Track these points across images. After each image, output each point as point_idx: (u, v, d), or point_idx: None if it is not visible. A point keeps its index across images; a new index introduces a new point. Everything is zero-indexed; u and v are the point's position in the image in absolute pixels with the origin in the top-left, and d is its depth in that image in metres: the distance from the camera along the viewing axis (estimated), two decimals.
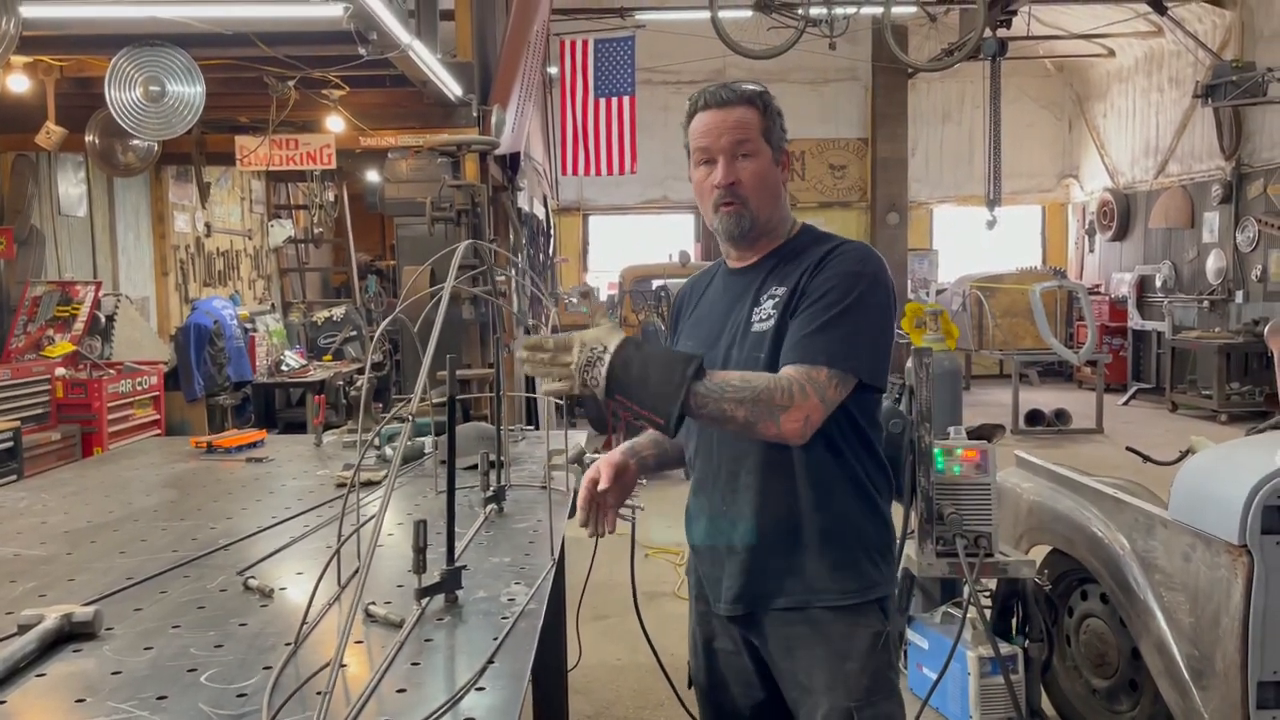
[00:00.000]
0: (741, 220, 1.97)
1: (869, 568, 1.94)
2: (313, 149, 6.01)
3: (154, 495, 2.87)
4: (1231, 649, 2.59)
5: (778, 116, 2.01)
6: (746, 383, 1.76)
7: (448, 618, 1.80)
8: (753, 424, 1.76)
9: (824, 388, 1.80)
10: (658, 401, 1.72)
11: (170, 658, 1.61)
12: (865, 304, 1.85)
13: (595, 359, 1.72)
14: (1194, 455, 3.08)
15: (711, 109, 1.98)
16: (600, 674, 4.27)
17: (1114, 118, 14.60)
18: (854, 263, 1.90)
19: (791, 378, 1.79)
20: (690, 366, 1.73)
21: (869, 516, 1.96)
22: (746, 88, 1.99)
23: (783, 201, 2.03)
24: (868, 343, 1.86)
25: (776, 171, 2.00)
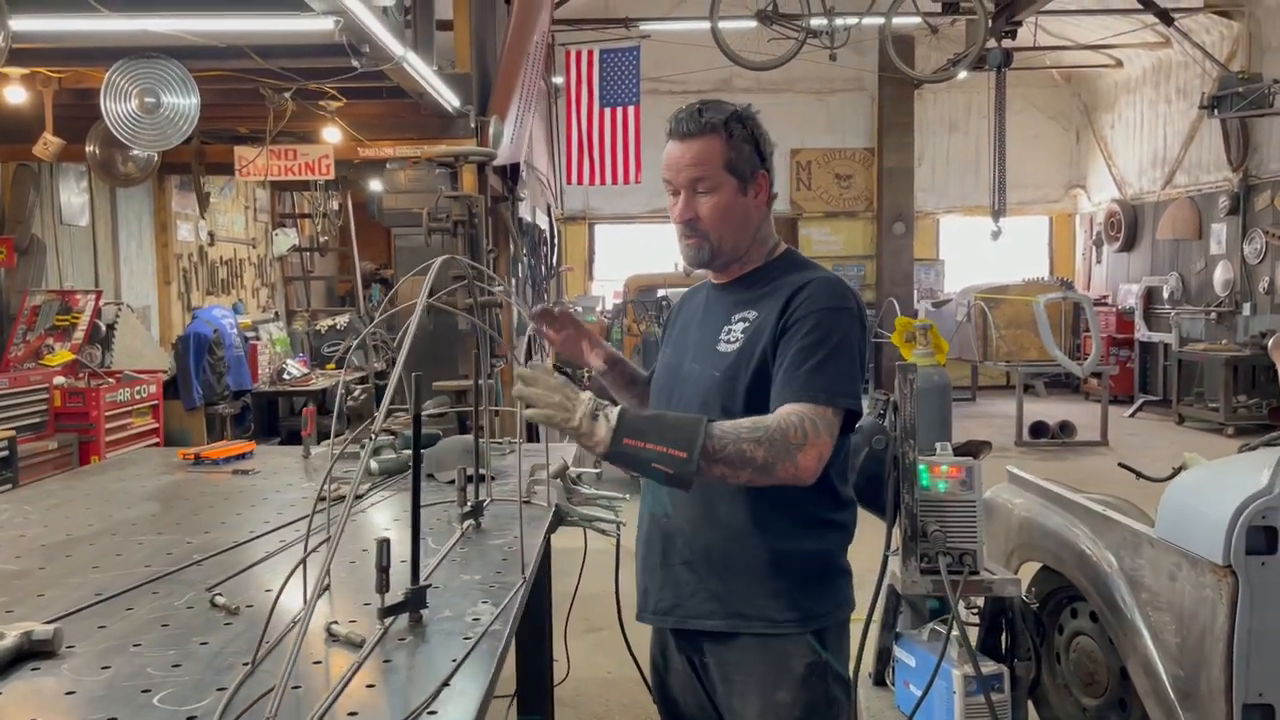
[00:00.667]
0: (700, 252, 1.99)
1: (804, 599, 1.93)
2: (311, 159, 6.03)
3: (136, 508, 2.87)
4: (1216, 670, 2.56)
5: (748, 142, 1.97)
6: (757, 424, 1.77)
7: (410, 638, 1.78)
8: (771, 465, 1.75)
9: (831, 425, 1.82)
10: (678, 434, 1.70)
11: (126, 677, 1.60)
12: (849, 340, 1.88)
13: (602, 407, 1.73)
14: (1183, 472, 3.05)
15: (675, 140, 1.98)
16: (590, 688, 4.25)
17: (1121, 128, 14.55)
18: (834, 299, 1.91)
19: (801, 414, 1.79)
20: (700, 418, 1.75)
21: (812, 548, 1.94)
22: (713, 115, 1.95)
23: (755, 227, 2.01)
24: (856, 378, 1.89)
25: (743, 200, 1.97)
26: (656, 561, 2.05)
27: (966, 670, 2.92)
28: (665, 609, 2.02)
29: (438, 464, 3.19)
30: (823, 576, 1.96)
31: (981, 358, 11.96)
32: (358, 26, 3.86)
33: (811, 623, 1.93)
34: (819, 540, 1.96)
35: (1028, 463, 9.14)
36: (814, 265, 2.05)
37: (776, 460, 1.74)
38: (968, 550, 2.94)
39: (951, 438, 3.53)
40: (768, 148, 2.01)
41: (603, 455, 1.71)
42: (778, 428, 1.76)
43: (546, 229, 9.76)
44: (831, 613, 1.97)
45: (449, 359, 5.27)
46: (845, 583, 2.02)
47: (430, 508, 2.79)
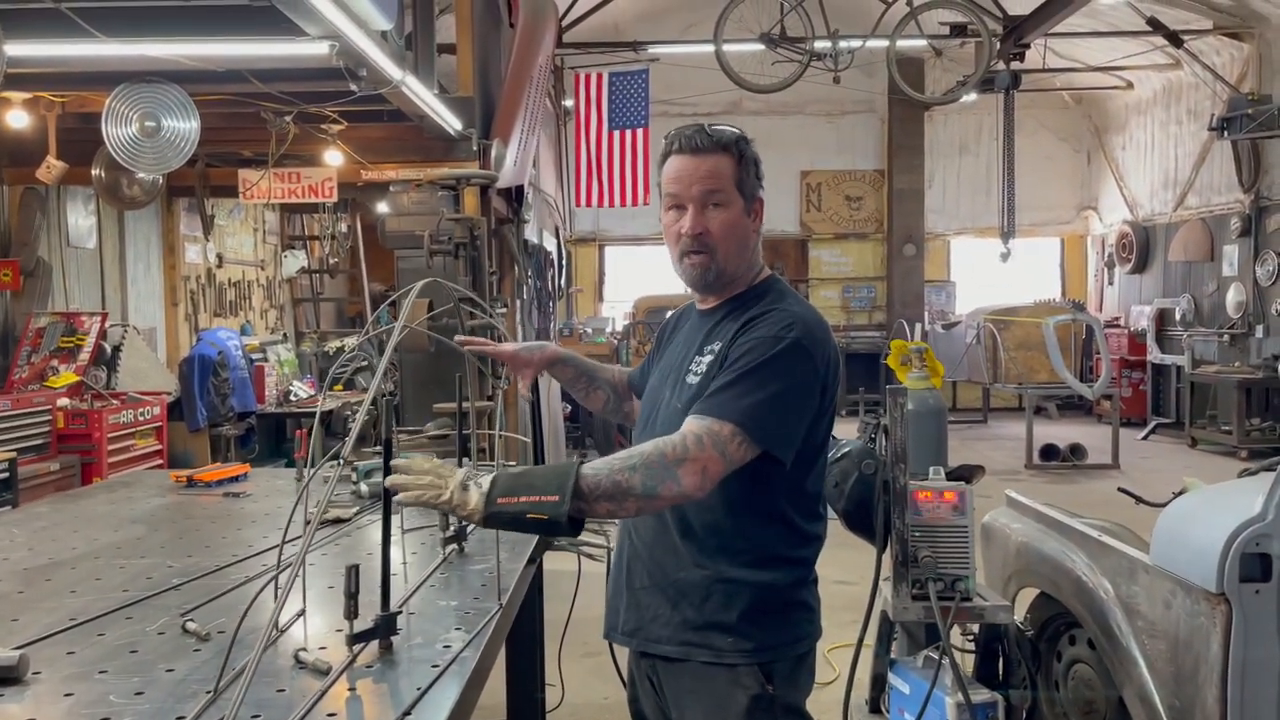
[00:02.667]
0: (706, 272, 1.96)
1: (753, 631, 1.88)
2: (315, 182, 6.06)
3: (122, 531, 2.86)
4: (1210, 700, 2.51)
5: (753, 165, 1.98)
6: (631, 453, 1.73)
7: (378, 665, 1.76)
8: (652, 489, 1.70)
9: (724, 442, 1.75)
10: (548, 482, 1.67)
11: (87, 705, 1.58)
12: (776, 369, 1.81)
13: (473, 476, 1.71)
14: (1178, 498, 3.01)
15: (685, 154, 1.95)
16: (586, 713, 4.20)
17: (1133, 150, 14.50)
18: (778, 327, 1.86)
19: (686, 432, 1.76)
20: (573, 457, 1.75)
21: (765, 580, 1.90)
22: (723, 133, 1.95)
23: (751, 250, 2.01)
24: (775, 408, 1.80)
25: (747, 221, 1.98)
26: (624, 583, 2.04)
27: (959, 699, 2.88)
28: (630, 630, 2.01)
29: None
30: (775, 610, 1.91)
31: (992, 380, 11.89)
32: (354, 50, 3.87)
33: (760, 655, 1.88)
34: (773, 573, 1.91)
35: (1037, 486, 9.07)
36: (790, 295, 2.01)
37: (655, 482, 1.70)
38: (960, 576, 2.91)
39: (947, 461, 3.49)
40: (761, 174, 2.02)
41: (480, 523, 1.68)
42: (653, 450, 1.72)
43: (554, 251, 9.79)
44: (782, 647, 1.91)
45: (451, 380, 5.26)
46: (803, 618, 1.96)
47: (416, 532, 2.78)
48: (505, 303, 6.82)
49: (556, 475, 1.68)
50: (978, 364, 12.00)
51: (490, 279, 6.14)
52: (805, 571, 1.97)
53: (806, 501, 1.96)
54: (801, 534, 1.95)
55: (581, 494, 1.66)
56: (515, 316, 7.28)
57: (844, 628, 4.75)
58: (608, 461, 1.72)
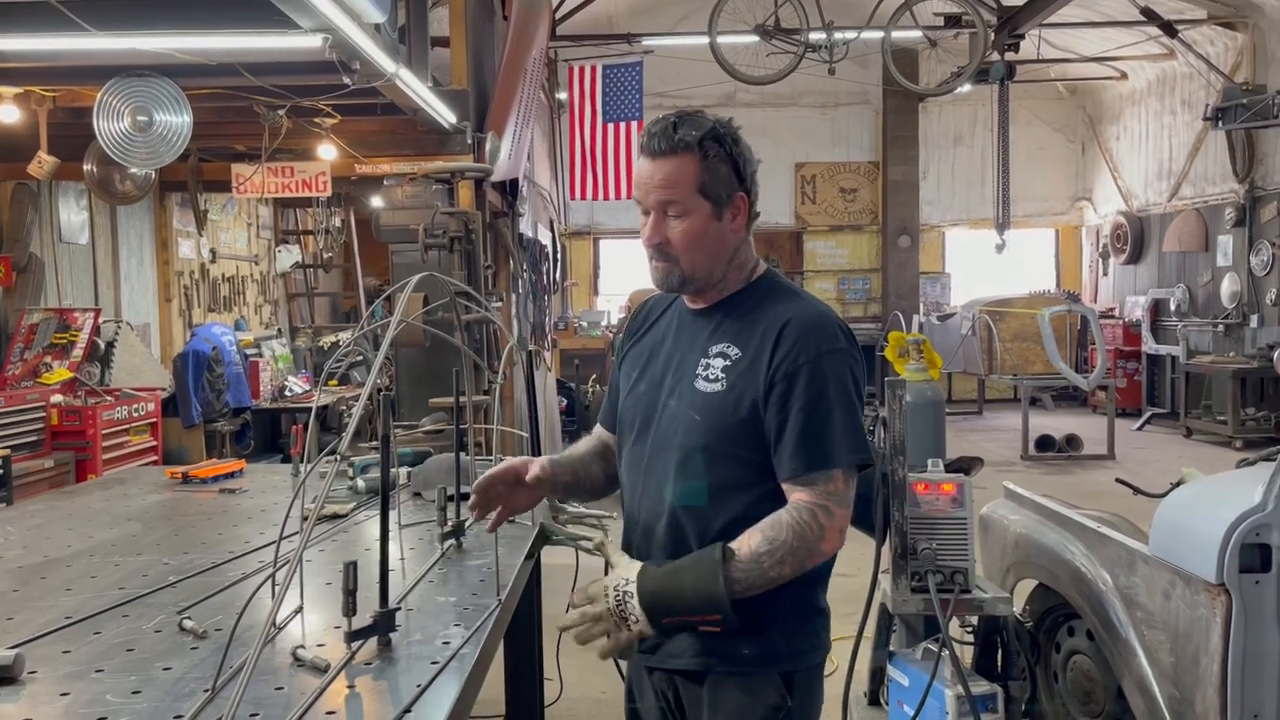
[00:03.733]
0: (670, 277, 1.87)
1: (777, 638, 1.83)
2: (308, 176, 6.03)
3: (117, 528, 2.84)
4: (1211, 691, 2.51)
5: (725, 162, 1.82)
6: (773, 542, 1.73)
7: (377, 662, 1.75)
8: (801, 566, 1.75)
9: (843, 495, 1.77)
10: (704, 603, 1.70)
11: (84, 704, 1.57)
12: (843, 388, 1.79)
13: (623, 596, 1.73)
14: (1177, 489, 3.01)
15: (644, 157, 1.84)
16: (583, 707, 4.20)
17: (1127, 140, 14.51)
18: (822, 341, 1.80)
19: (811, 506, 1.74)
20: (715, 551, 1.73)
21: (786, 587, 1.79)
22: (687, 131, 1.80)
23: (731, 251, 1.88)
24: (857, 426, 1.80)
25: (717, 226, 1.84)
26: None
27: (959, 691, 2.88)
28: (649, 648, 1.89)
29: (424, 482, 3.16)
30: (796, 617, 1.85)
31: (987, 371, 11.89)
32: (347, 43, 3.85)
33: (779, 664, 1.83)
34: (798, 580, 1.81)
35: (1033, 477, 9.08)
36: (795, 292, 1.92)
37: (804, 562, 1.75)
38: (959, 568, 2.90)
39: (946, 453, 3.49)
40: (749, 167, 1.87)
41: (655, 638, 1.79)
42: (793, 537, 1.73)
43: (549, 244, 9.76)
44: (802, 655, 1.86)
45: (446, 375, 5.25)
46: (821, 624, 1.90)
47: (413, 527, 2.76)
48: (501, 297, 6.80)
49: (707, 591, 1.70)
50: (973, 355, 12.00)
51: (485, 273, 6.13)
52: (821, 571, 1.88)
53: None
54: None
55: (736, 594, 1.71)
56: (510, 310, 7.26)
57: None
58: (753, 557, 1.72)
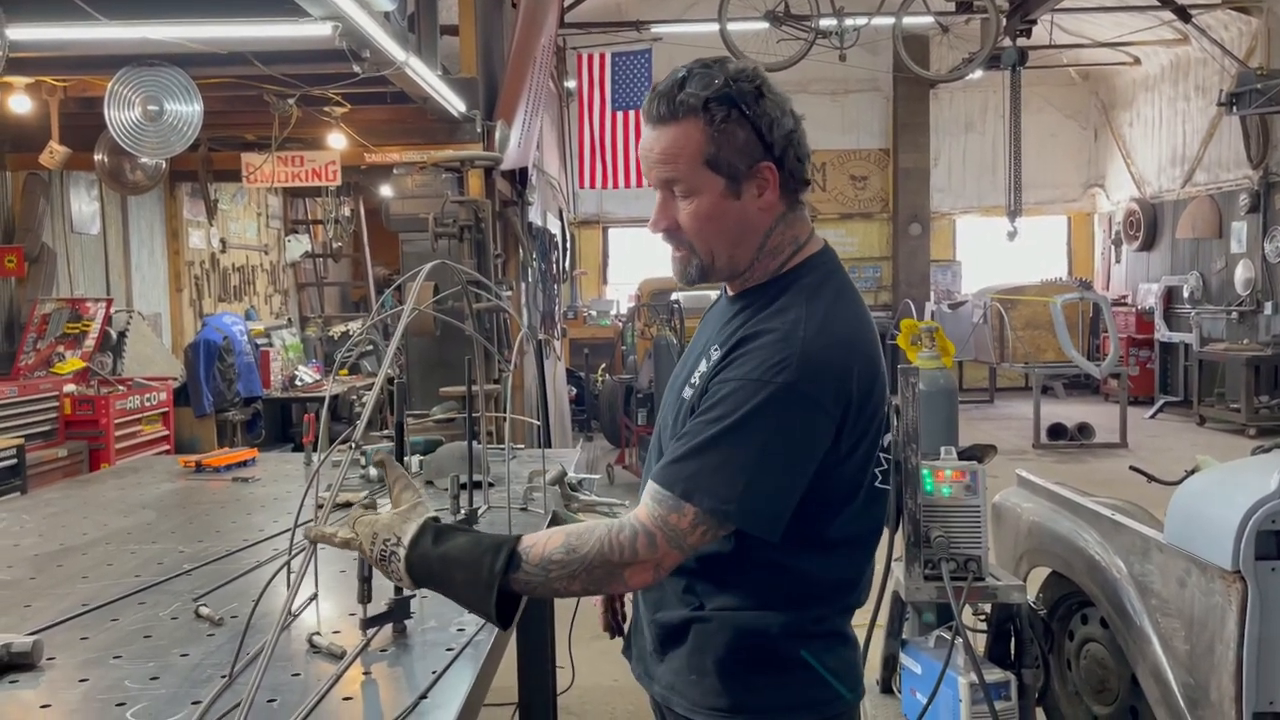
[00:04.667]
0: (688, 268, 1.58)
1: (743, 692, 1.54)
2: (318, 165, 6.04)
3: (132, 516, 2.85)
4: (1226, 678, 2.50)
5: (741, 125, 1.48)
6: (574, 552, 1.42)
7: (392, 649, 1.75)
8: (598, 586, 1.45)
9: (682, 535, 1.42)
10: (470, 603, 1.47)
11: (103, 690, 1.58)
12: (758, 425, 1.41)
13: (389, 553, 1.48)
14: (1193, 476, 2.99)
15: (646, 125, 1.54)
16: (596, 695, 4.21)
17: (1140, 126, 14.42)
18: (766, 365, 1.43)
19: (639, 525, 1.43)
20: (499, 559, 1.42)
21: (747, 625, 1.53)
22: (693, 90, 1.47)
23: (762, 235, 1.55)
24: (747, 480, 1.41)
25: (735, 205, 1.51)
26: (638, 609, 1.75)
27: (971, 678, 2.88)
28: (632, 658, 1.76)
29: (437, 470, 3.17)
30: (761, 662, 1.54)
31: (999, 359, 11.86)
32: (357, 31, 3.84)
33: (742, 714, 1.53)
34: (760, 614, 1.53)
35: (1045, 465, 9.05)
36: (816, 293, 1.52)
37: (600, 584, 1.45)
38: (972, 556, 2.90)
39: (958, 441, 3.48)
40: (778, 130, 1.50)
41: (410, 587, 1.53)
42: (597, 553, 1.41)
43: (558, 233, 9.75)
44: (768, 712, 1.54)
45: (457, 364, 5.25)
46: (804, 680, 1.55)
47: None
48: (510, 285, 6.80)
49: (475, 599, 1.45)
50: (984, 344, 11.97)
51: (495, 262, 6.12)
52: (807, 621, 1.55)
53: (825, 550, 1.55)
54: (812, 582, 1.55)
55: (514, 597, 1.48)
56: (520, 299, 7.26)
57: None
58: (542, 564, 1.43)
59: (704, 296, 10.23)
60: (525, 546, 1.45)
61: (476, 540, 1.48)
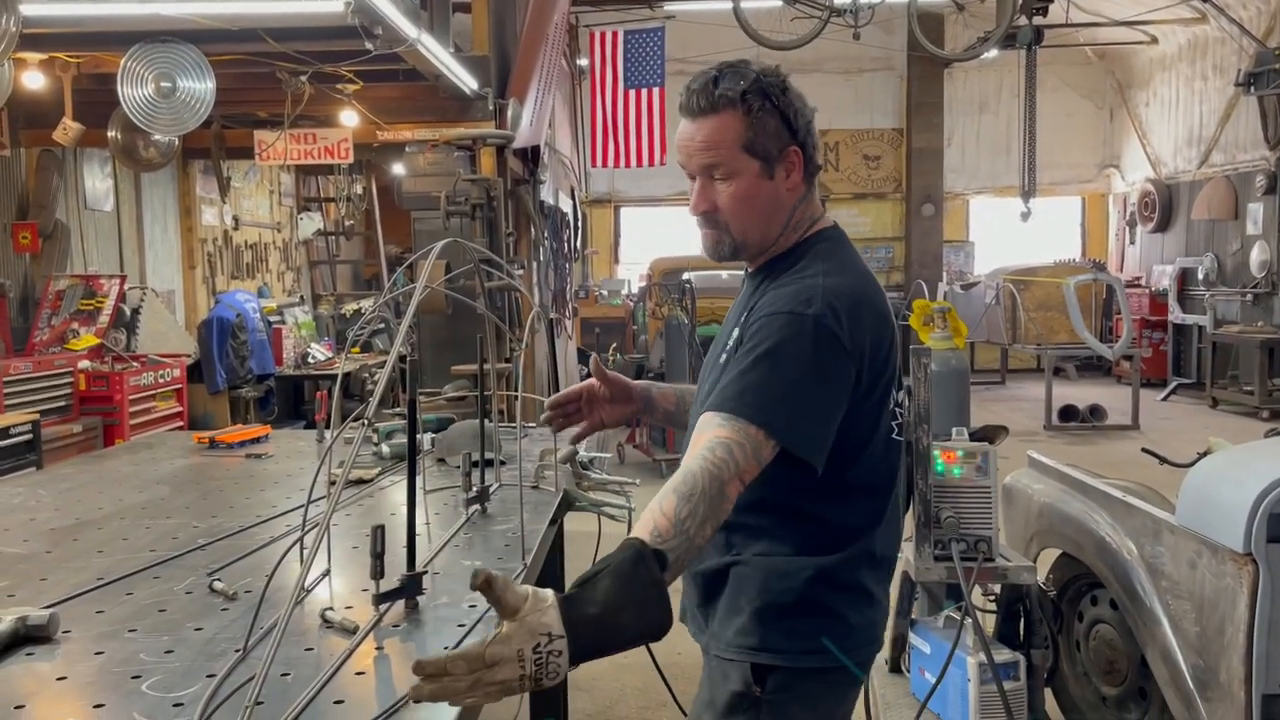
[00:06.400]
0: (720, 246, 1.74)
1: (769, 630, 1.65)
2: (330, 143, 6.03)
3: (146, 492, 2.88)
4: (1236, 660, 2.50)
5: (772, 115, 1.67)
6: (692, 496, 1.42)
7: (405, 624, 1.77)
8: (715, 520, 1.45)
9: (758, 446, 1.50)
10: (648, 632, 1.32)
11: (118, 663, 1.59)
12: (790, 353, 1.54)
13: (546, 655, 1.24)
14: (1205, 458, 2.99)
15: (685, 117, 1.71)
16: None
17: (1156, 106, 14.29)
18: (795, 301, 1.59)
19: (727, 440, 1.49)
20: (651, 568, 1.34)
21: (777, 569, 1.66)
22: (729, 86, 1.65)
23: (788, 213, 1.73)
24: (793, 401, 1.53)
25: (769, 185, 1.69)
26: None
27: (980, 658, 2.89)
28: (686, 618, 1.85)
29: (448, 448, 3.18)
30: (786, 605, 1.66)
31: (1011, 341, 11.82)
32: (369, 8, 3.83)
33: (757, 654, 1.65)
34: (788, 561, 1.67)
35: (1056, 447, 9.03)
36: (829, 257, 1.71)
37: (717, 507, 1.45)
38: (982, 537, 2.90)
39: (970, 422, 3.48)
40: (800, 117, 1.70)
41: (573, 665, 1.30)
42: (709, 480, 1.44)
43: (570, 212, 9.74)
44: (785, 653, 1.65)
45: (469, 342, 5.26)
46: (824, 625, 1.66)
47: (438, 493, 2.78)
48: (522, 264, 6.80)
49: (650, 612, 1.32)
50: (996, 325, 11.93)
51: (507, 240, 6.12)
52: (836, 569, 1.67)
53: (844, 495, 1.68)
54: (833, 529, 1.68)
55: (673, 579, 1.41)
56: (532, 278, 7.26)
57: None
58: (675, 524, 1.40)
59: (715, 276, 10.20)
60: (650, 536, 1.38)
61: (613, 573, 1.32)
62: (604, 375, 2.08)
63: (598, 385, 2.08)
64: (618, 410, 2.10)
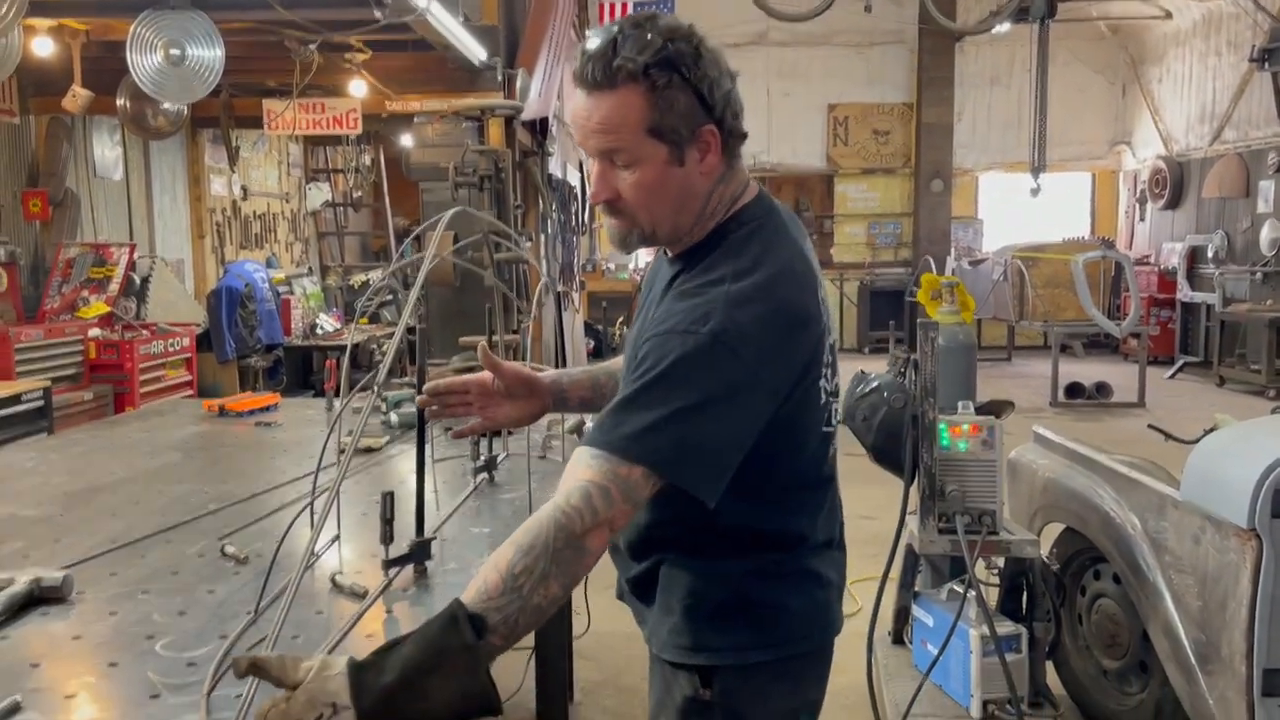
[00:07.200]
0: (628, 237, 1.51)
1: (704, 630, 1.52)
2: (339, 113, 6.03)
3: (158, 458, 2.91)
4: (1238, 635, 2.52)
5: (682, 90, 1.40)
6: (532, 549, 1.28)
7: (414, 590, 1.79)
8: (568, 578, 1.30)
9: (634, 487, 1.32)
10: (460, 706, 1.20)
11: (132, 624, 1.62)
12: (670, 378, 1.35)
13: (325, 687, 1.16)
14: (1210, 434, 2.99)
15: (580, 89, 1.43)
16: (611, 641, 4.27)
17: (1169, 82, 14.16)
18: (690, 317, 1.38)
19: (588, 484, 1.31)
20: (464, 630, 1.22)
21: (735, 578, 1.52)
22: (630, 55, 1.37)
23: (703, 200, 1.49)
24: (665, 430, 1.33)
25: (678, 172, 1.44)
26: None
27: (983, 631, 2.91)
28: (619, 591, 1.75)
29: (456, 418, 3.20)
30: (724, 606, 1.53)
31: (1018, 317, 11.79)
32: None
33: (697, 656, 1.53)
34: (721, 565, 1.53)
35: (1062, 423, 9.03)
36: (744, 246, 1.47)
37: (571, 565, 1.30)
38: (986, 510, 2.92)
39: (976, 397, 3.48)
40: (717, 90, 1.43)
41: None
42: (555, 531, 1.28)
43: (577, 185, 9.72)
44: (725, 651, 1.52)
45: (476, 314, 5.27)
46: (764, 618, 1.54)
47: (445, 461, 2.80)
48: (530, 236, 6.79)
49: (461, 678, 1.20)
50: (1004, 301, 11.89)
51: (515, 212, 6.11)
52: (768, 564, 1.54)
53: (776, 497, 1.53)
54: (765, 531, 1.54)
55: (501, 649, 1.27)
56: (539, 251, 7.26)
57: (866, 561, 4.80)
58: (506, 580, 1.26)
59: None
60: (476, 595, 1.26)
61: (419, 637, 1.22)
62: (497, 367, 1.80)
63: (489, 378, 1.82)
64: (519, 408, 1.85)
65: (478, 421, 1.86)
